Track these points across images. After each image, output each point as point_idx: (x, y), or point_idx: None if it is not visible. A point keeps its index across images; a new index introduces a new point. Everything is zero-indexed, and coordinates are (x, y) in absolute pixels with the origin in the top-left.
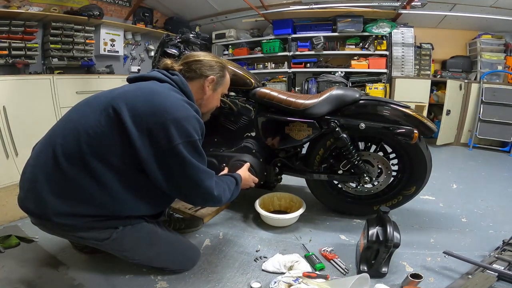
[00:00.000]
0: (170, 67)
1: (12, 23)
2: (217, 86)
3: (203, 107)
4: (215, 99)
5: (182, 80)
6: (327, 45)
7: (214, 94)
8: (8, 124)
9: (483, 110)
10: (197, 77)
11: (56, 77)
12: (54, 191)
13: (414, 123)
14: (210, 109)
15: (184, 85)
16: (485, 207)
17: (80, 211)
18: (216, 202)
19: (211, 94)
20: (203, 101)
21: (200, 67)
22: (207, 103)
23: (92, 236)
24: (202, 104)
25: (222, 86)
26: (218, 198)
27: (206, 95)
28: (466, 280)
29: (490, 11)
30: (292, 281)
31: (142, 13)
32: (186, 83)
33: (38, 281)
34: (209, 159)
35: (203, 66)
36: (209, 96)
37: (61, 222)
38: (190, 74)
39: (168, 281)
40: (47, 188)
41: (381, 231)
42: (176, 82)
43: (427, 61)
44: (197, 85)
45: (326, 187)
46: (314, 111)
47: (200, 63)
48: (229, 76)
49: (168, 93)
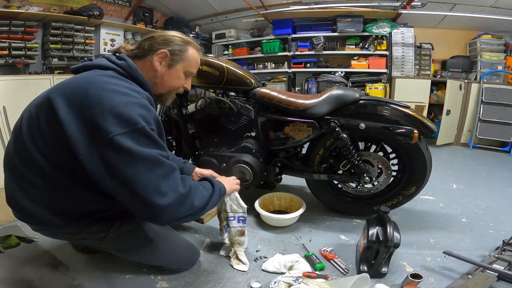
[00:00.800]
0: (118, 50)
1: (12, 23)
2: (173, 62)
3: (159, 86)
4: (173, 76)
5: (130, 64)
6: (327, 45)
7: (172, 71)
8: (8, 124)
9: (483, 110)
10: (146, 54)
11: (56, 77)
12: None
13: (414, 123)
14: (171, 88)
15: (132, 69)
16: (485, 207)
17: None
18: (183, 198)
19: (165, 70)
20: (157, 79)
21: (151, 43)
22: (163, 81)
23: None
24: (158, 83)
25: (182, 62)
26: (183, 196)
27: (158, 72)
28: (466, 280)
29: (490, 11)
30: (292, 281)
31: (142, 13)
32: (135, 67)
33: (38, 281)
34: (209, 159)
35: (154, 41)
36: (163, 73)
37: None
38: (138, 52)
39: (168, 281)
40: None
41: (381, 231)
42: (122, 67)
43: (427, 61)
44: (146, 63)
45: (326, 187)
46: (314, 111)
47: (152, 39)
48: (197, 54)
49: (106, 81)
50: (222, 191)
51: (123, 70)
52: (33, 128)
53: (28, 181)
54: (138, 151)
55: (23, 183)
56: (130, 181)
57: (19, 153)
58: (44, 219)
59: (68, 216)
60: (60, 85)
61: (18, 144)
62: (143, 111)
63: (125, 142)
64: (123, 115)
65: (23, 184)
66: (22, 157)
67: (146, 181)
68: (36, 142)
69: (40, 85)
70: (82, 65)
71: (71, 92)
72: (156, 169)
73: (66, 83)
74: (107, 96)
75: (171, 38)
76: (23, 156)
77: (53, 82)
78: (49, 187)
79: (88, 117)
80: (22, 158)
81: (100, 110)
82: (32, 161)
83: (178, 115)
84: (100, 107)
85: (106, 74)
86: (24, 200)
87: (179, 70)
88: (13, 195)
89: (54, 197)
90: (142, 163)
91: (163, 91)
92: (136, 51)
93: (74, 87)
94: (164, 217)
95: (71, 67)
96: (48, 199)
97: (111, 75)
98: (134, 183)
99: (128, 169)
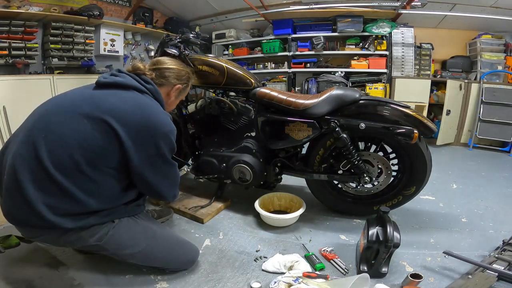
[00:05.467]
0: (142, 73)
1: (12, 23)
2: (179, 94)
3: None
4: (174, 104)
5: (157, 90)
6: (327, 45)
7: (176, 101)
8: (8, 124)
9: (483, 110)
10: (166, 84)
11: (56, 77)
12: (46, 201)
13: (414, 123)
14: (168, 111)
15: (158, 94)
16: (485, 207)
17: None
18: (176, 191)
19: (173, 100)
20: (166, 104)
21: (171, 75)
22: (168, 107)
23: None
24: (164, 107)
25: (183, 94)
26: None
27: (169, 101)
28: (466, 280)
29: (490, 11)
30: (292, 281)
31: (142, 13)
32: (159, 92)
33: (38, 281)
34: (209, 159)
35: (173, 74)
36: (171, 102)
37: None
38: (160, 80)
39: (168, 281)
40: (40, 199)
41: (381, 231)
42: (152, 92)
43: (427, 61)
44: (165, 92)
45: (326, 187)
46: (314, 111)
47: (172, 71)
48: (190, 87)
49: (156, 108)
50: None
51: (151, 95)
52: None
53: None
54: (170, 161)
55: (51, 190)
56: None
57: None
58: (50, 221)
59: (75, 217)
60: (111, 107)
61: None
62: (175, 135)
63: (167, 156)
64: (169, 140)
65: (49, 192)
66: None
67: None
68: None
69: (40, 85)
70: (116, 83)
71: (124, 113)
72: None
73: (114, 104)
74: (161, 123)
75: (183, 74)
76: (58, 164)
77: (53, 82)
78: (56, 191)
79: (144, 137)
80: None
81: (155, 133)
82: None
83: (178, 115)
84: (156, 131)
85: (148, 98)
86: (43, 207)
87: (179, 99)
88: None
89: (59, 200)
90: (171, 167)
91: None
92: (159, 80)
93: (127, 109)
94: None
95: (99, 81)
96: (52, 201)
97: (151, 100)
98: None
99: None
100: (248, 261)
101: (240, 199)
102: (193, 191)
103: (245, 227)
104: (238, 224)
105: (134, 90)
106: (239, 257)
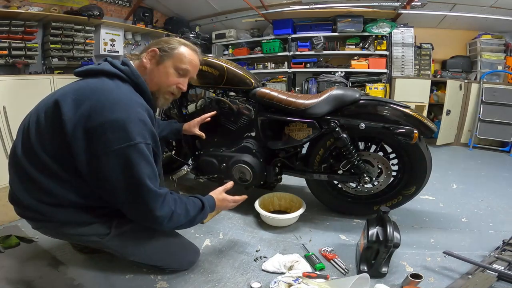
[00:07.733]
0: (130, 57)
1: (12, 23)
2: (162, 59)
3: (149, 84)
4: (161, 72)
5: (133, 70)
6: (327, 45)
7: (160, 67)
8: (8, 124)
9: (483, 110)
10: (141, 54)
11: (56, 77)
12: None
13: (414, 123)
14: (161, 86)
15: (134, 75)
16: (485, 207)
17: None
18: (157, 224)
19: (154, 67)
20: (147, 77)
21: (152, 45)
22: (152, 77)
23: (92, 232)
24: (147, 81)
25: (171, 59)
26: (160, 220)
27: (148, 69)
28: (466, 280)
29: (490, 11)
30: (292, 281)
31: (142, 13)
32: (137, 73)
33: (38, 281)
34: (209, 159)
35: (154, 42)
36: (151, 70)
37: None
38: (137, 56)
39: (168, 281)
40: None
41: (381, 231)
42: (126, 73)
43: (427, 61)
44: (140, 63)
45: (326, 187)
46: (314, 111)
47: (155, 41)
48: (190, 52)
49: (113, 90)
50: (211, 208)
51: (126, 76)
52: (41, 129)
53: (33, 179)
54: (133, 162)
55: (28, 181)
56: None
57: (27, 153)
58: (47, 212)
59: (70, 211)
60: (67, 90)
61: (26, 145)
62: (139, 127)
63: (123, 155)
64: (121, 130)
65: (28, 183)
66: (30, 157)
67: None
68: (43, 142)
69: (40, 85)
70: (86, 69)
71: (79, 100)
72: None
73: (74, 88)
74: (109, 109)
75: (165, 39)
76: (30, 156)
77: (53, 82)
78: (54, 184)
79: (90, 127)
80: (29, 157)
81: (100, 123)
82: (38, 160)
83: (178, 115)
84: (101, 119)
85: (110, 84)
86: (27, 196)
87: (168, 66)
88: (16, 193)
89: (58, 193)
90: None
91: (153, 89)
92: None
93: (80, 95)
94: None
95: (75, 71)
96: (52, 195)
97: (117, 85)
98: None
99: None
100: (248, 261)
101: None
102: (193, 191)
103: (245, 227)
104: (238, 224)
105: (103, 76)
106: (239, 257)
